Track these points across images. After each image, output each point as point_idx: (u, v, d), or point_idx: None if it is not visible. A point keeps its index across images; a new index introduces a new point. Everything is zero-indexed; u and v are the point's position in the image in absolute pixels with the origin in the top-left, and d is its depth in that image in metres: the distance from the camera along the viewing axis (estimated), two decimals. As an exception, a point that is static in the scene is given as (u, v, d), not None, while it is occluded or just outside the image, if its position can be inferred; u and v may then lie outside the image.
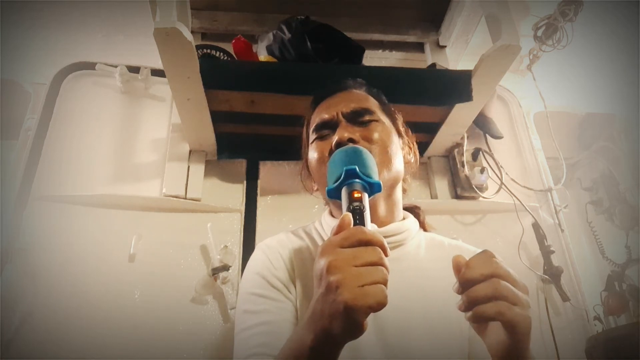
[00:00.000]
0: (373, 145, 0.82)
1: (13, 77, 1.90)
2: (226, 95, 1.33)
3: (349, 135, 0.82)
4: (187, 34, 1.10)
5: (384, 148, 0.83)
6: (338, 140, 0.81)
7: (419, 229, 0.90)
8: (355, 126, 0.85)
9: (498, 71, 1.28)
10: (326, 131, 0.88)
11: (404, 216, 0.89)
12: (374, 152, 0.79)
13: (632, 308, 2.02)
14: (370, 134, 0.84)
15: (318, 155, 0.86)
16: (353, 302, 0.49)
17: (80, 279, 1.29)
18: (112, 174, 1.46)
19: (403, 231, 0.84)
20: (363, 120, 0.86)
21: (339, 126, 0.86)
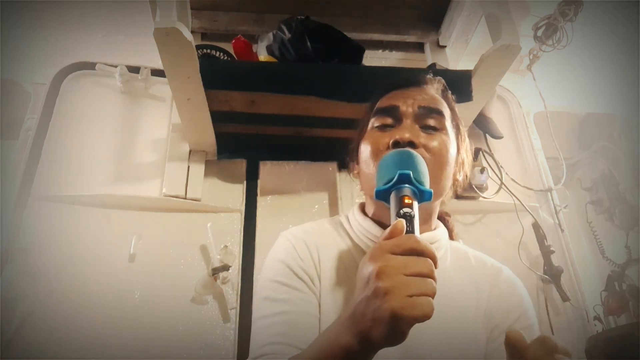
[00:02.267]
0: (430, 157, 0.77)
1: (13, 77, 1.90)
2: (226, 95, 1.32)
3: (411, 137, 0.76)
4: (187, 34, 1.10)
5: (439, 163, 0.78)
6: (398, 138, 0.76)
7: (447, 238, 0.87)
8: (420, 129, 0.80)
9: (498, 71, 1.28)
10: (389, 120, 0.82)
11: (436, 225, 0.86)
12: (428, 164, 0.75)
13: (632, 308, 2.02)
14: (432, 144, 0.78)
15: (372, 146, 0.80)
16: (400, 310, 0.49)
17: (80, 279, 1.29)
18: (112, 174, 1.46)
19: (435, 241, 0.81)
20: (429, 125, 0.81)
21: (402, 123, 0.80)
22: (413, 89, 0.87)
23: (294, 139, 1.50)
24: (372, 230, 0.80)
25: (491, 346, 0.75)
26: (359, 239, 0.82)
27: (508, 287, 0.81)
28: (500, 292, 0.80)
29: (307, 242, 0.80)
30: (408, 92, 0.86)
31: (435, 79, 0.92)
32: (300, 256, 0.78)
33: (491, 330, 0.76)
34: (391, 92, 0.88)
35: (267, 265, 0.81)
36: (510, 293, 0.80)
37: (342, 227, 0.86)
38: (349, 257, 0.80)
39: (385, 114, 0.83)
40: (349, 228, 0.85)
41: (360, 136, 0.88)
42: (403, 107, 0.82)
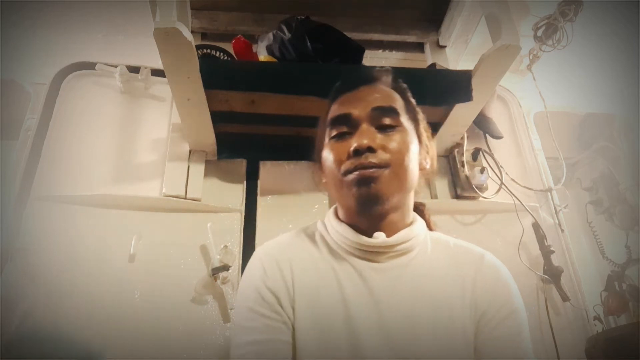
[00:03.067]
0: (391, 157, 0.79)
1: (13, 77, 1.90)
2: (226, 95, 1.32)
3: (369, 142, 0.78)
4: (187, 34, 1.10)
5: (401, 159, 0.79)
6: (357, 147, 0.78)
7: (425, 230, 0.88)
8: (377, 131, 0.81)
9: (498, 71, 1.28)
10: (345, 128, 0.82)
11: (413, 218, 0.87)
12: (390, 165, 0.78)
13: (632, 308, 2.02)
14: (390, 144, 0.79)
15: (334, 157, 0.81)
16: None
17: (80, 279, 1.29)
18: (112, 174, 1.46)
19: (411, 238, 0.82)
20: (385, 124, 0.81)
21: (359, 128, 0.81)
22: (364, 88, 0.87)
23: (294, 139, 1.50)
24: (348, 235, 0.81)
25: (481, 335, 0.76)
26: (336, 245, 0.83)
27: (491, 272, 0.81)
28: (483, 277, 0.80)
29: (279, 260, 0.81)
30: (359, 93, 0.86)
31: (384, 71, 0.91)
32: (270, 278, 0.79)
33: (479, 319, 0.76)
34: (343, 95, 0.87)
35: (240, 289, 0.83)
36: (494, 278, 0.81)
37: (320, 234, 0.87)
38: (325, 266, 0.81)
39: (340, 123, 0.83)
40: (326, 234, 0.86)
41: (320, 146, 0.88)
42: (355, 112, 0.82)
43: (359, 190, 0.77)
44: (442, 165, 1.60)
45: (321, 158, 0.87)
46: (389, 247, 0.80)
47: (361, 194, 0.77)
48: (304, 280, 0.79)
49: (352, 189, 0.77)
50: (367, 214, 0.80)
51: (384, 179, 0.77)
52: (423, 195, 1.57)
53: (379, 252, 0.80)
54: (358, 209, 0.79)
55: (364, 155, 0.77)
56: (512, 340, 0.75)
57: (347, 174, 0.78)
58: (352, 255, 0.80)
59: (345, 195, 0.80)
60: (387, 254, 0.80)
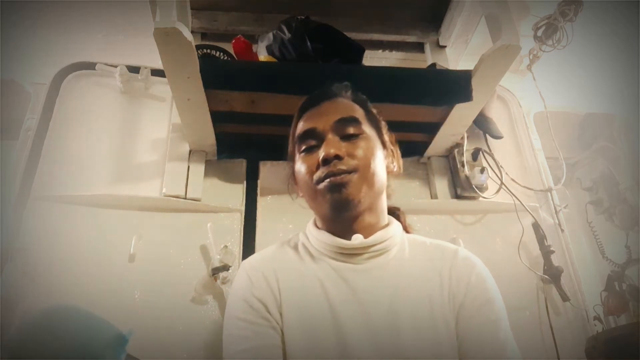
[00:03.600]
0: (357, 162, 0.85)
1: (13, 77, 1.90)
2: (226, 95, 1.32)
3: (335, 151, 0.84)
4: (187, 34, 1.10)
5: (367, 163, 0.86)
6: (325, 156, 0.84)
7: (402, 232, 0.93)
8: (342, 141, 0.87)
9: (498, 71, 1.28)
10: (312, 141, 0.89)
11: (388, 221, 0.92)
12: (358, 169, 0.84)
13: (632, 308, 2.02)
14: (355, 151, 0.86)
15: (305, 170, 0.88)
16: None
17: (80, 279, 1.28)
18: (112, 174, 1.46)
19: (387, 238, 0.87)
20: (349, 134, 0.88)
21: (325, 139, 0.87)
22: (325, 103, 0.94)
23: (294, 139, 1.50)
24: (327, 240, 0.86)
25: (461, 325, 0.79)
26: (317, 251, 0.88)
27: (465, 265, 0.85)
28: (458, 270, 0.84)
29: (264, 271, 0.85)
30: (321, 109, 0.93)
31: (343, 85, 0.99)
32: (257, 287, 0.83)
33: (458, 310, 0.80)
34: (307, 112, 0.94)
35: (229, 301, 0.87)
36: (468, 271, 0.84)
37: (302, 243, 0.92)
38: (309, 272, 0.85)
39: (307, 138, 0.90)
40: (307, 243, 0.91)
41: (292, 163, 0.95)
42: (320, 126, 0.89)
43: (332, 197, 0.83)
44: (442, 165, 1.60)
45: (294, 173, 0.94)
46: (366, 248, 0.84)
47: (334, 200, 0.83)
48: (289, 287, 0.83)
49: (326, 195, 0.83)
50: (341, 218, 0.85)
51: (353, 183, 0.83)
52: (423, 195, 1.58)
53: (358, 254, 0.84)
54: (333, 214, 0.85)
55: (333, 163, 0.83)
56: (489, 328, 0.78)
57: (319, 182, 0.84)
58: (332, 259, 0.85)
59: (320, 203, 0.86)
60: (365, 255, 0.84)
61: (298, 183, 0.93)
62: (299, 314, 0.79)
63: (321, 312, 0.79)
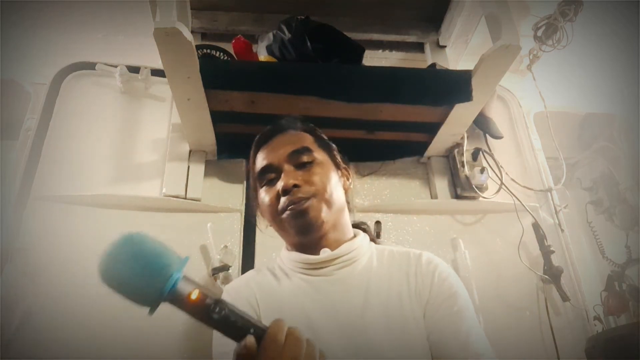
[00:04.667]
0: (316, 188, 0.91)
1: (13, 77, 1.90)
2: (226, 95, 1.32)
3: (293, 181, 0.90)
4: (187, 34, 1.10)
5: (324, 187, 0.92)
6: (284, 187, 0.90)
7: (369, 243, 0.99)
8: (298, 170, 0.93)
9: (498, 71, 1.28)
10: (271, 175, 0.95)
11: (355, 234, 0.98)
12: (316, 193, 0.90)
13: (632, 308, 2.02)
14: (312, 177, 0.92)
15: (268, 202, 0.94)
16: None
17: (80, 279, 1.28)
18: (112, 174, 1.46)
19: (354, 249, 0.92)
20: (303, 162, 0.94)
21: (283, 171, 0.93)
22: (277, 137, 1.00)
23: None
24: (297, 259, 0.93)
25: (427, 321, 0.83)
26: (291, 270, 0.94)
27: (429, 265, 0.90)
28: (421, 271, 0.89)
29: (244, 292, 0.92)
30: (273, 143, 0.99)
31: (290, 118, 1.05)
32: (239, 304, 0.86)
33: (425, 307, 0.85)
34: (261, 148, 1.01)
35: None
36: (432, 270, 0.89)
37: (278, 265, 0.98)
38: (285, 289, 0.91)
39: (266, 173, 0.96)
40: (282, 264, 0.98)
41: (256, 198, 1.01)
42: (275, 161, 0.95)
43: (295, 223, 0.89)
44: (442, 165, 1.60)
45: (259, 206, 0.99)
46: (334, 260, 0.90)
47: (298, 225, 0.89)
48: (268, 304, 0.89)
49: (290, 222, 0.90)
50: (308, 240, 0.92)
51: (314, 208, 0.89)
52: (423, 195, 1.58)
53: (327, 266, 0.90)
54: (300, 238, 0.92)
55: (292, 192, 0.90)
56: (451, 319, 0.82)
57: (282, 212, 0.90)
58: (305, 275, 0.91)
59: (286, 231, 0.93)
60: (334, 266, 0.90)
61: (264, 215, 0.99)
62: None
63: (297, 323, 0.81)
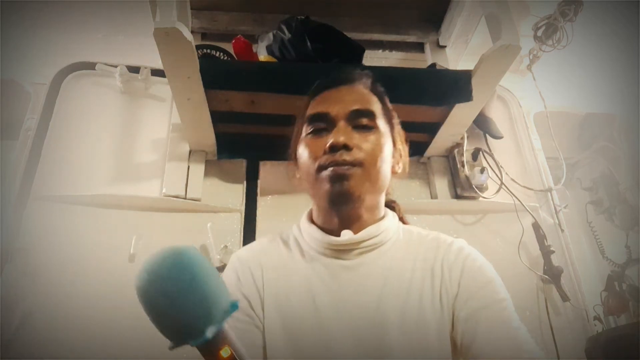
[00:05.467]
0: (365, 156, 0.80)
1: (13, 77, 1.90)
2: (226, 95, 1.32)
3: (345, 140, 0.79)
4: (187, 34, 1.10)
5: (375, 160, 0.81)
6: (333, 143, 0.79)
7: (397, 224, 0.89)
8: (353, 130, 0.82)
9: (498, 71, 1.28)
10: (322, 125, 0.84)
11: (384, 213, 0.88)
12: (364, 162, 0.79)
13: (632, 308, 2.02)
14: (365, 144, 0.82)
15: (309, 153, 0.83)
16: None
17: (80, 279, 1.28)
18: (112, 174, 1.46)
19: (379, 233, 0.82)
20: (362, 124, 0.83)
21: (336, 126, 0.82)
22: (343, 87, 0.88)
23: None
24: (317, 236, 0.83)
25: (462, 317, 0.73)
26: (308, 246, 0.84)
27: (457, 256, 0.80)
28: (449, 263, 0.79)
29: (251, 266, 0.83)
30: (338, 93, 0.87)
31: (364, 73, 0.92)
32: (243, 283, 0.81)
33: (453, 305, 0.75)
34: (322, 93, 0.89)
35: None
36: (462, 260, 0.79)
37: (294, 237, 0.89)
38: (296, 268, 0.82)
39: (318, 120, 0.84)
40: (299, 237, 0.88)
41: (296, 141, 0.90)
42: (334, 111, 0.83)
43: (332, 187, 0.78)
44: (442, 165, 1.60)
45: (296, 154, 0.89)
46: (356, 244, 0.80)
47: (334, 191, 0.78)
48: (274, 283, 0.81)
49: (326, 185, 0.79)
50: (338, 211, 0.81)
51: (356, 178, 0.78)
52: (423, 195, 1.58)
53: (348, 250, 0.81)
54: (330, 205, 0.81)
55: (339, 153, 0.78)
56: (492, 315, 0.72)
57: (321, 170, 0.80)
58: (322, 255, 0.82)
59: (318, 192, 0.81)
60: (356, 251, 0.81)
61: (300, 166, 0.88)
62: (281, 312, 0.77)
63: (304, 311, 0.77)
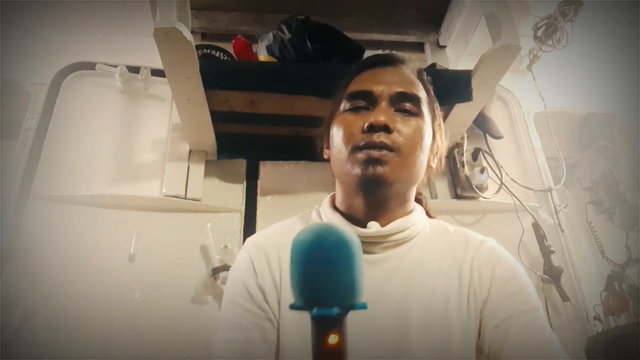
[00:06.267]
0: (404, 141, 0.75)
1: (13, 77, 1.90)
2: (226, 95, 1.32)
3: (386, 121, 0.73)
4: (187, 34, 1.10)
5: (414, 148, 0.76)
6: (373, 122, 0.73)
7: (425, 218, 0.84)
8: (396, 113, 0.77)
9: (498, 71, 1.28)
10: (363, 102, 0.78)
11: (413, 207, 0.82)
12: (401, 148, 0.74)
13: (632, 308, 2.02)
14: (407, 129, 0.76)
15: (345, 130, 0.77)
16: None
17: (80, 279, 1.29)
18: (112, 174, 1.46)
19: (407, 227, 0.77)
20: (405, 109, 0.78)
21: (378, 105, 0.77)
22: (388, 68, 0.83)
23: (294, 139, 1.50)
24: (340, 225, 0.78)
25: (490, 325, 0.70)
26: None
27: (488, 257, 0.76)
28: (479, 264, 0.75)
29: (268, 252, 0.78)
30: (383, 73, 0.82)
31: (412, 58, 0.88)
32: (259, 273, 0.76)
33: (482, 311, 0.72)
34: (365, 71, 0.84)
35: (228, 282, 0.80)
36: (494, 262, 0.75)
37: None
38: None
39: (359, 98, 0.79)
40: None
41: (331, 118, 0.84)
42: (378, 90, 0.78)
43: (364, 170, 0.72)
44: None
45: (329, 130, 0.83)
46: (383, 237, 0.76)
47: (366, 175, 0.72)
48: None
49: (359, 167, 0.73)
50: (367, 197, 0.76)
51: (392, 164, 0.73)
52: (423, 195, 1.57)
53: (373, 243, 0.75)
54: (360, 189, 0.75)
55: (377, 134, 0.73)
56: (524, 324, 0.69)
57: (356, 150, 0.74)
58: None
59: (348, 172, 0.75)
60: (381, 245, 0.76)
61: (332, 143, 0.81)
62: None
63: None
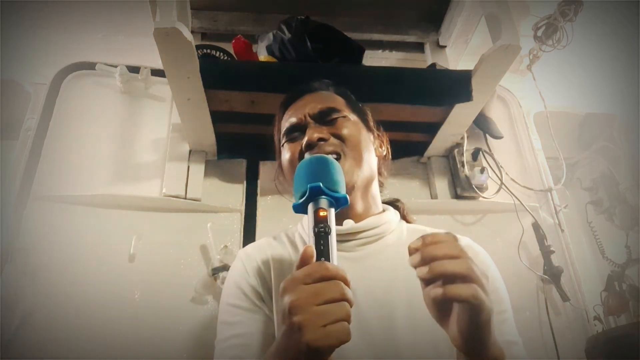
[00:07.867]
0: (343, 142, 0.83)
1: (13, 77, 1.90)
2: (226, 95, 1.33)
3: (318, 135, 0.83)
4: (187, 34, 1.10)
5: (354, 144, 0.84)
6: (308, 141, 0.83)
7: (400, 221, 0.90)
8: (324, 126, 0.86)
9: (498, 71, 1.28)
10: (296, 133, 0.89)
11: (384, 209, 0.90)
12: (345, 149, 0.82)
13: (632, 308, 2.02)
14: (339, 131, 0.85)
15: (289, 157, 0.87)
16: (315, 343, 0.50)
17: (80, 279, 1.29)
18: (112, 174, 1.46)
19: (381, 224, 0.84)
20: (331, 119, 0.87)
21: (307, 127, 0.87)
22: (306, 96, 0.94)
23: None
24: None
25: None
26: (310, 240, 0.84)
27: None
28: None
29: (258, 260, 0.83)
30: (302, 101, 0.93)
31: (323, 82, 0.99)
32: (251, 275, 0.81)
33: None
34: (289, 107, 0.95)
35: (224, 288, 0.85)
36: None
37: (299, 234, 0.90)
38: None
39: (291, 131, 0.90)
40: (302, 232, 0.89)
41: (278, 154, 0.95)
42: (302, 118, 0.89)
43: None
44: (442, 165, 1.60)
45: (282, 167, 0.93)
46: (358, 233, 0.81)
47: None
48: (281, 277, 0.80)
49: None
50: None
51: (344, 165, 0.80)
52: (423, 195, 1.58)
53: (350, 240, 0.81)
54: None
55: (318, 146, 0.82)
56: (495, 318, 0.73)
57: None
58: None
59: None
60: (358, 241, 0.81)
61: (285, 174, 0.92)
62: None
63: None
